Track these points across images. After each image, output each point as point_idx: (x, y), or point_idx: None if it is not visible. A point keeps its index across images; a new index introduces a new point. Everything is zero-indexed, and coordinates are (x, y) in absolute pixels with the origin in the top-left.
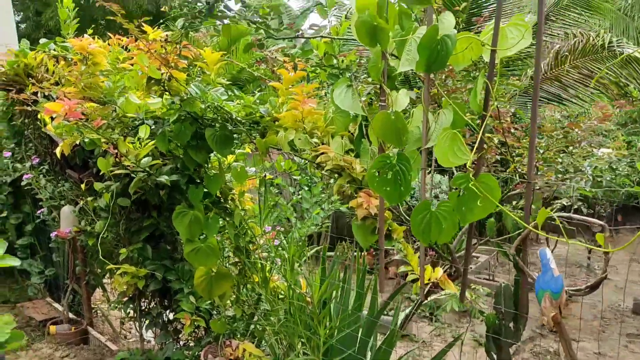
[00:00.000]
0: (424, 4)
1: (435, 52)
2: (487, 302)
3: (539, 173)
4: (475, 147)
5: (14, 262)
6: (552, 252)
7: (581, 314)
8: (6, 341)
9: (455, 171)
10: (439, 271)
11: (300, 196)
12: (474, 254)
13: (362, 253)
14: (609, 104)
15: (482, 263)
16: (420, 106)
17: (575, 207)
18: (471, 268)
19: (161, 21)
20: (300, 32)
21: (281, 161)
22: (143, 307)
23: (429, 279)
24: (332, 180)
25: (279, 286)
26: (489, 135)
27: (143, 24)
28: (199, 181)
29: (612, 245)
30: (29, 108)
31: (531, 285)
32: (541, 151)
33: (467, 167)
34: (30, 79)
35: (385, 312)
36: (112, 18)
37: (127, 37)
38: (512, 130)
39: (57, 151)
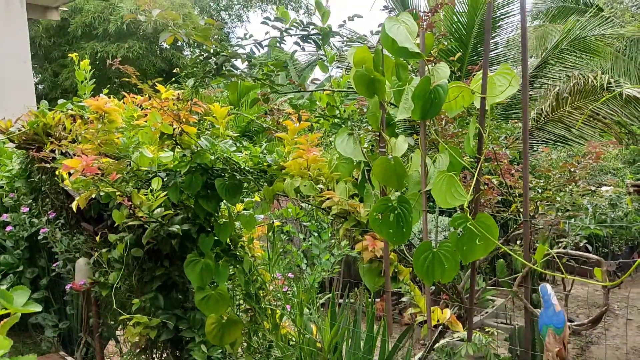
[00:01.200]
0: (416, 58)
1: (429, 100)
2: (505, 346)
3: (539, 212)
4: (471, 189)
5: (36, 308)
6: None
7: (606, 357)
8: None
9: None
10: (447, 312)
11: (310, 242)
12: (489, 297)
13: (376, 299)
14: (606, 142)
15: (499, 306)
16: (418, 151)
17: (580, 244)
18: (487, 312)
19: (173, 80)
20: (302, 86)
21: (289, 208)
22: (155, 358)
23: (438, 321)
24: (339, 226)
25: (290, 332)
26: (489, 176)
27: (157, 83)
28: (209, 230)
29: (629, 284)
30: (47, 165)
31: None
32: (540, 191)
33: (465, 207)
34: (48, 137)
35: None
36: (126, 80)
37: (141, 96)
38: (512, 172)
39: (74, 205)
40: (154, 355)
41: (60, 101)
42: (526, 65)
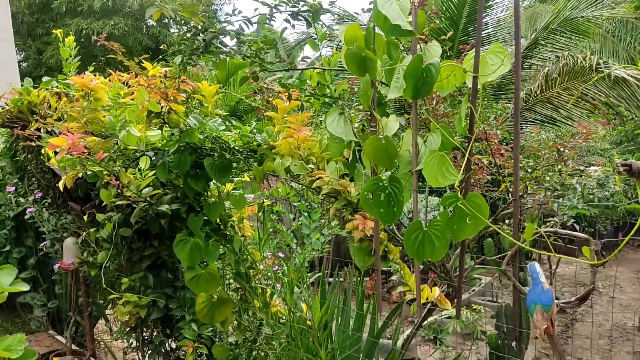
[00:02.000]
0: (408, 36)
1: (421, 79)
2: (491, 323)
3: (529, 192)
4: (462, 168)
5: (24, 287)
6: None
7: (590, 333)
8: (19, 359)
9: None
10: (436, 290)
11: (300, 222)
12: (476, 275)
13: (365, 278)
14: (595, 122)
15: (485, 284)
16: (409, 130)
17: (569, 224)
18: (474, 290)
19: (160, 57)
20: (292, 64)
21: (279, 188)
22: (145, 337)
23: (427, 299)
24: (330, 206)
25: (280, 311)
26: (479, 156)
27: (143, 60)
28: (198, 209)
29: (615, 263)
30: (33, 144)
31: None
32: (529, 170)
33: (455, 187)
34: (33, 115)
35: (389, 337)
36: (113, 57)
37: (128, 73)
38: (502, 152)
39: (60, 184)
40: (144, 334)
41: (45, 79)
42: (519, 44)
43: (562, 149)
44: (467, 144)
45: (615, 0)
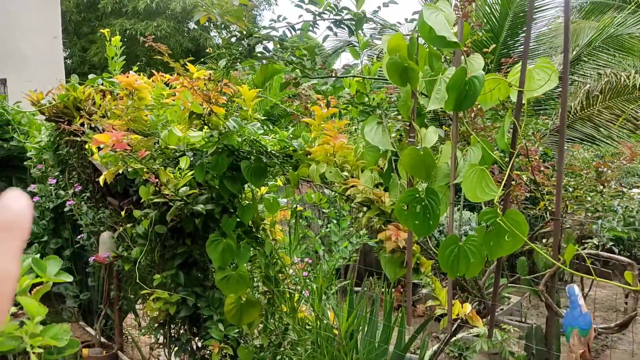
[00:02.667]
0: (453, 47)
1: (464, 92)
2: (519, 344)
3: (568, 211)
4: (502, 184)
5: (67, 278)
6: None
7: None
8: (65, 347)
9: (484, 207)
10: (467, 307)
11: (328, 229)
12: (505, 294)
13: (390, 289)
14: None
15: (514, 304)
16: (448, 142)
17: (607, 247)
18: (502, 309)
19: (202, 59)
20: (334, 71)
21: (311, 194)
22: (173, 334)
23: (457, 315)
24: (360, 214)
25: (307, 317)
26: (518, 172)
27: (187, 63)
28: (232, 211)
29: None
30: (77, 139)
31: (561, 325)
32: (571, 189)
33: (495, 202)
34: (78, 111)
35: (413, 351)
36: (157, 57)
37: (170, 75)
38: (542, 169)
39: (101, 179)
40: (172, 331)
41: (90, 76)
42: (567, 59)
43: (605, 169)
44: (506, 159)
45: None
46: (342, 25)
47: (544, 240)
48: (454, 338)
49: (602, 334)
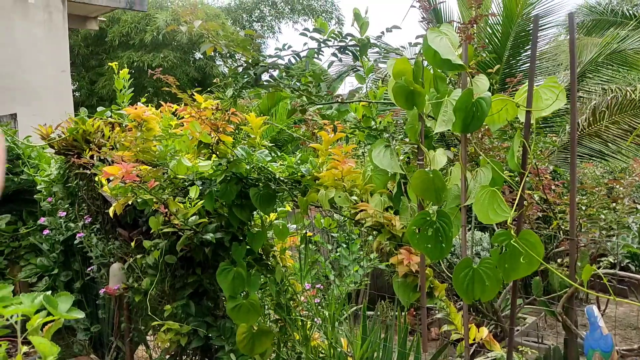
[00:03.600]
0: (458, 70)
1: (471, 113)
2: None
3: (582, 230)
4: (515, 204)
5: (79, 314)
6: (603, 312)
7: None
8: None
9: (496, 228)
10: (484, 331)
11: (338, 254)
12: (520, 314)
13: (403, 313)
14: None
15: (530, 324)
16: (458, 164)
17: (623, 264)
18: (518, 330)
19: (209, 89)
20: (340, 96)
21: (320, 219)
22: None
23: (474, 339)
24: (370, 238)
25: (320, 344)
26: (529, 192)
27: (195, 93)
28: (242, 238)
29: None
30: (87, 171)
31: (580, 346)
32: (583, 208)
33: (508, 224)
34: (87, 144)
35: None
36: (165, 88)
37: (178, 105)
38: (553, 187)
39: (110, 211)
40: None
41: (99, 109)
42: (574, 75)
43: (617, 186)
44: (516, 179)
45: None
46: (346, 51)
47: (558, 260)
48: None
49: (626, 357)
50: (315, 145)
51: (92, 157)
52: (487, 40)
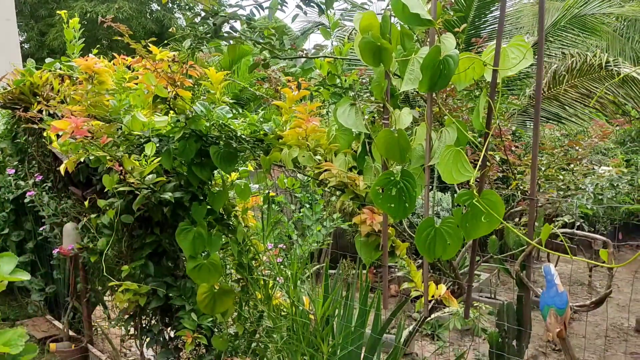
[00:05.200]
0: (427, 26)
1: (438, 71)
2: (489, 320)
3: (541, 190)
4: (478, 165)
5: (24, 276)
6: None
7: (585, 333)
8: (20, 353)
9: (457, 189)
10: (442, 288)
11: (301, 214)
12: (475, 272)
13: (364, 271)
14: (607, 122)
15: (484, 281)
16: (423, 124)
17: (577, 224)
18: (473, 286)
19: (166, 41)
20: (305, 52)
21: (283, 179)
22: (144, 325)
23: (433, 296)
24: (333, 198)
25: (282, 303)
26: (491, 153)
27: (149, 44)
28: (202, 198)
29: (615, 263)
30: (35, 126)
31: (534, 302)
32: (542, 169)
33: (470, 184)
34: (35, 97)
35: (388, 331)
36: (118, 38)
37: (132, 57)
38: (513, 149)
39: (62, 168)
40: (143, 322)
41: (47, 60)
42: (542, 35)
43: (577, 148)
44: (479, 139)
45: None
46: (311, 4)
47: (515, 220)
48: (429, 318)
49: (578, 312)
50: (279, 102)
51: (40, 111)
52: (453, 0)
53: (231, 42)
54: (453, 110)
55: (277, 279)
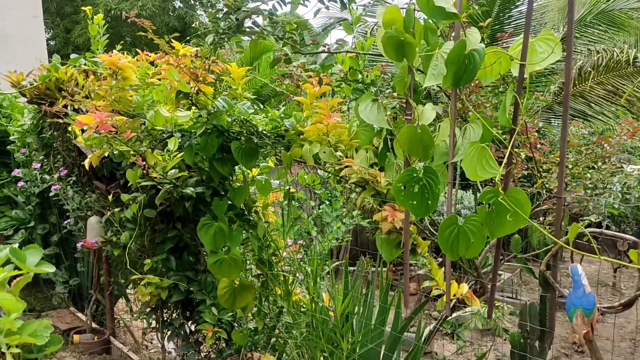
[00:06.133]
0: (452, 19)
1: (463, 66)
2: (511, 320)
3: (567, 189)
4: (504, 162)
5: (50, 268)
6: None
7: (610, 335)
8: (46, 345)
9: (480, 187)
10: (464, 287)
11: (321, 210)
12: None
13: (384, 269)
14: (635, 120)
15: (505, 281)
16: (446, 120)
17: (604, 224)
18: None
19: (188, 38)
20: (327, 47)
21: (304, 175)
22: (165, 318)
23: (454, 295)
24: (353, 195)
25: (301, 299)
26: (516, 150)
27: (172, 40)
28: (223, 193)
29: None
30: (60, 121)
31: (559, 303)
32: (569, 166)
33: (496, 181)
34: (60, 92)
35: (407, 329)
36: (141, 34)
37: (155, 53)
38: (539, 146)
39: (86, 163)
40: (164, 315)
41: (72, 56)
42: (572, 29)
43: (606, 145)
44: (504, 136)
45: None
46: None
47: (540, 218)
48: (450, 317)
49: (605, 314)
50: (300, 98)
51: (65, 106)
52: None
53: (253, 37)
54: (477, 106)
55: (297, 275)
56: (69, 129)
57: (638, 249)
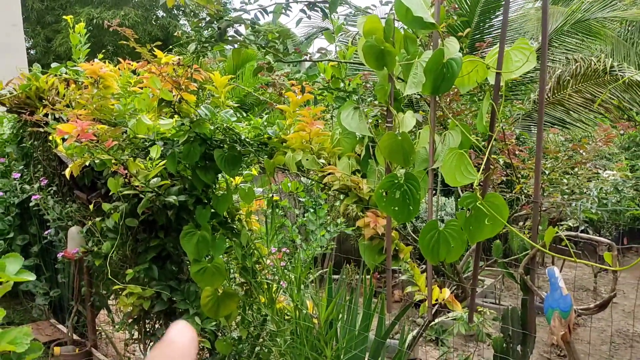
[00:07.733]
0: (430, 29)
1: (441, 74)
2: (494, 326)
3: (545, 194)
4: (482, 167)
5: (30, 277)
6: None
7: (590, 339)
8: (25, 352)
9: (461, 193)
10: (446, 292)
11: (305, 218)
12: (479, 277)
13: (367, 275)
14: (612, 127)
15: (488, 286)
16: (426, 127)
17: (582, 228)
18: (477, 291)
19: (171, 47)
20: (309, 55)
21: (287, 182)
22: (148, 329)
23: (436, 300)
24: (337, 203)
25: (286, 307)
26: (494, 156)
27: (155, 48)
28: (206, 201)
29: (619, 267)
30: (40, 129)
31: (539, 307)
32: (546, 172)
33: (474, 186)
34: (41, 101)
35: (391, 336)
36: (123, 42)
37: (137, 62)
38: (517, 152)
39: (67, 172)
40: (147, 326)
41: (53, 65)
42: (545, 38)
43: (581, 151)
44: (482, 143)
45: (626, 3)
46: (315, 8)
47: (520, 224)
48: (432, 322)
49: (582, 315)
50: (283, 107)
51: (46, 115)
52: (457, 4)
53: (235, 45)
54: (456, 113)
55: (281, 282)
56: (50, 138)
57: (612, 251)
